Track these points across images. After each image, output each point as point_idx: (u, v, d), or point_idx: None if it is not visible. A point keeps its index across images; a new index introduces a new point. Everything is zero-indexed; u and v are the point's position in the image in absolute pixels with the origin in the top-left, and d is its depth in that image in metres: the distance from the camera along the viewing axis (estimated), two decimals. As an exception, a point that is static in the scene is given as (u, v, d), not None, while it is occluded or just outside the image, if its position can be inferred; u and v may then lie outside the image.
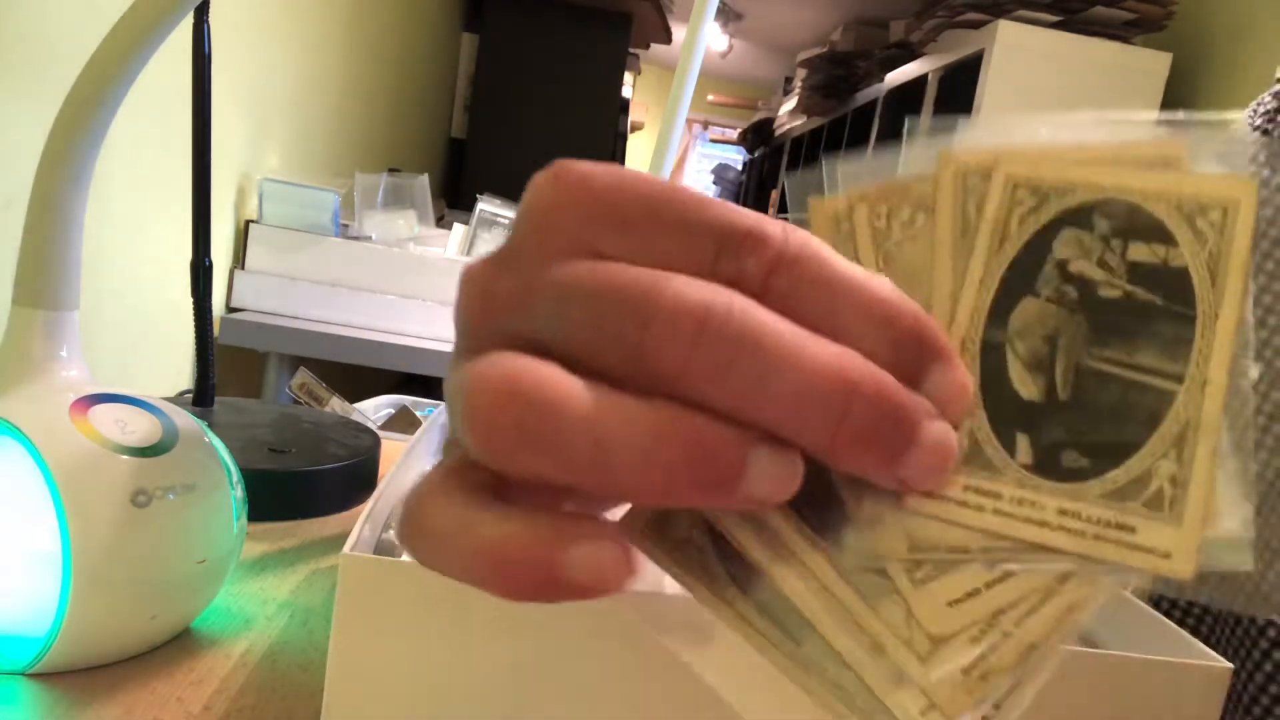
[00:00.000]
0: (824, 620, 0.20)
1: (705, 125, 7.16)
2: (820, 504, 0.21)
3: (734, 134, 6.44)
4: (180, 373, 1.19)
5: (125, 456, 0.36)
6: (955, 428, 0.20)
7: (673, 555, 0.21)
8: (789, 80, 4.86)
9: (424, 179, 1.61)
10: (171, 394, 0.71)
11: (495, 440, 0.17)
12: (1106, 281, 0.20)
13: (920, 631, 0.19)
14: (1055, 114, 0.22)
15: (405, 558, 0.33)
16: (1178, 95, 2.25)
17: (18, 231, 0.39)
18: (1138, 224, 0.20)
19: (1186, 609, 0.57)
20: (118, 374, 1.04)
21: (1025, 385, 0.21)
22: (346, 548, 0.30)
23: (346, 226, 1.50)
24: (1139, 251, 0.20)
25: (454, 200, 2.64)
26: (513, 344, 0.19)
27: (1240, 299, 0.19)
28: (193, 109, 0.60)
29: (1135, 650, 0.32)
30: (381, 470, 0.66)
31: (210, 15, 0.58)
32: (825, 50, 4.00)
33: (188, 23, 0.47)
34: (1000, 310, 0.21)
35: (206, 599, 0.41)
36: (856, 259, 0.23)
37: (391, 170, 1.71)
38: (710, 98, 6.54)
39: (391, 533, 0.37)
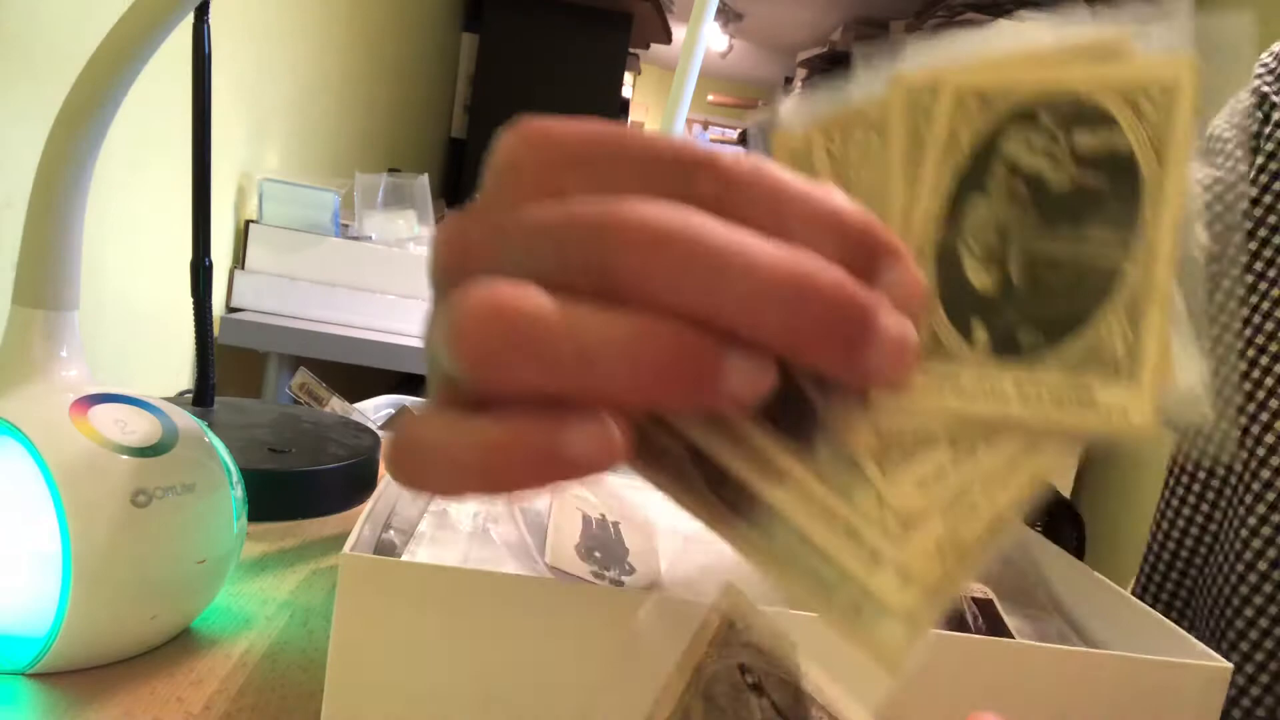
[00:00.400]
0: (799, 514, 0.20)
1: (705, 125, 7.16)
2: (793, 414, 0.21)
3: (734, 134, 6.44)
4: (180, 373, 1.19)
5: (125, 456, 0.36)
6: (913, 323, 0.21)
7: (653, 467, 0.22)
8: (789, 80, 4.86)
9: (424, 179, 1.61)
10: (171, 394, 0.71)
11: (485, 355, 0.18)
12: (1054, 173, 0.21)
13: (892, 514, 0.20)
14: (1004, 21, 0.22)
15: (405, 557, 0.33)
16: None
17: (18, 231, 0.39)
18: (1081, 114, 0.20)
19: (1183, 609, 0.58)
20: (118, 374, 1.04)
21: (979, 278, 0.21)
22: (346, 548, 0.30)
23: (346, 226, 1.50)
24: (1084, 139, 0.20)
25: (454, 200, 2.64)
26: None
27: (1184, 170, 0.19)
28: (193, 109, 0.60)
29: (1135, 650, 0.32)
30: (381, 470, 0.66)
31: (210, 15, 0.58)
32: (825, 50, 4.00)
33: (188, 23, 0.47)
34: (953, 214, 0.22)
35: (206, 599, 0.41)
36: None
37: (391, 170, 1.70)
38: (710, 98, 6.54)
39: (392, 533, 0.37)
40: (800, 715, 0.21)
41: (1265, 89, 0.56)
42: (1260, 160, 0.55)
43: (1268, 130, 0.55)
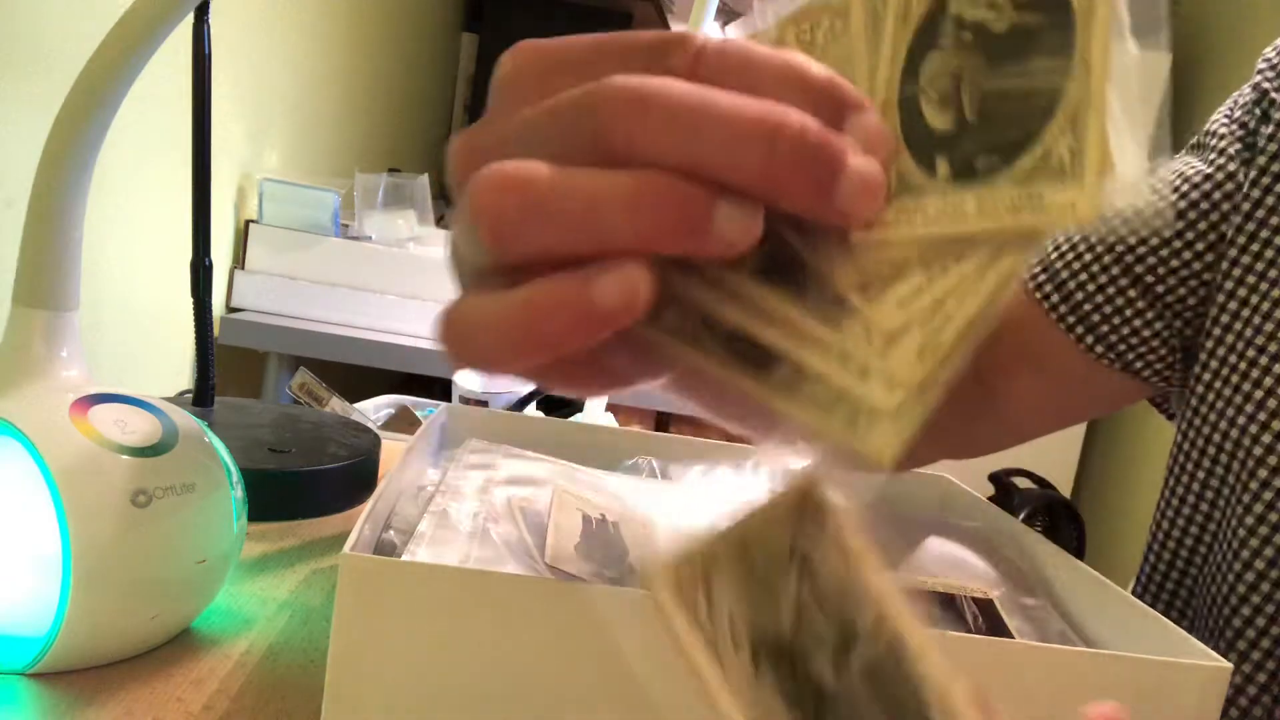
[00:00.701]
0: (796, 349, 0.23)
1: (705, 125, 7.14)
2: (783, 268, 0.24)
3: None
4: (180, 373, 1.19)
5: (125, 456, 0.36)
6: (880, 165, 0.23)
7: (666, 334, 0.24)
8: (789, 80, 4.86)
9: (424, 179, 1.61)
10: (171, 394, 0.71)
11: (503, 222, 0.20)
12: (995, 19, 0.23)
13: (878, 332, 0.22)
14: None
15: (405, 557, 0.33)
16: (1178, 95, 2.25)
17: (18, 231, 0.39)
18: None
19: (1165, 609, 0.57)
20: (118, 374, 1.04)
21: (938, 119, 0.23)
22: (346, 548, 0.30)
23: (346, 226, 1.50)
24: None
25: (454, 200, 2.64)
26: None
27: None
28: (193, 109, 0.60)
29: (1135, 650, 0.32)
30: (381, 470, 0.66)
31: (210, 15, 0.58)
32: (825, 50, 4.00)
33: (188, 23, 0.47)
34: (911, 70, 0.24)
35: (206, 599, 0.41)
36: None
37: (391, 170, 1.70)
38: (710, 98, 6.53)
39: (392, 533, 0.37)
40: (843, 612, 0.21)
41: (1265, 85, 0.56)
42: (1262, 161, 0.54)
43: (1268, 130, 0.54)
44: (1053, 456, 2.40)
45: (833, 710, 0.20)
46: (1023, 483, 2.28)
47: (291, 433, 0.65)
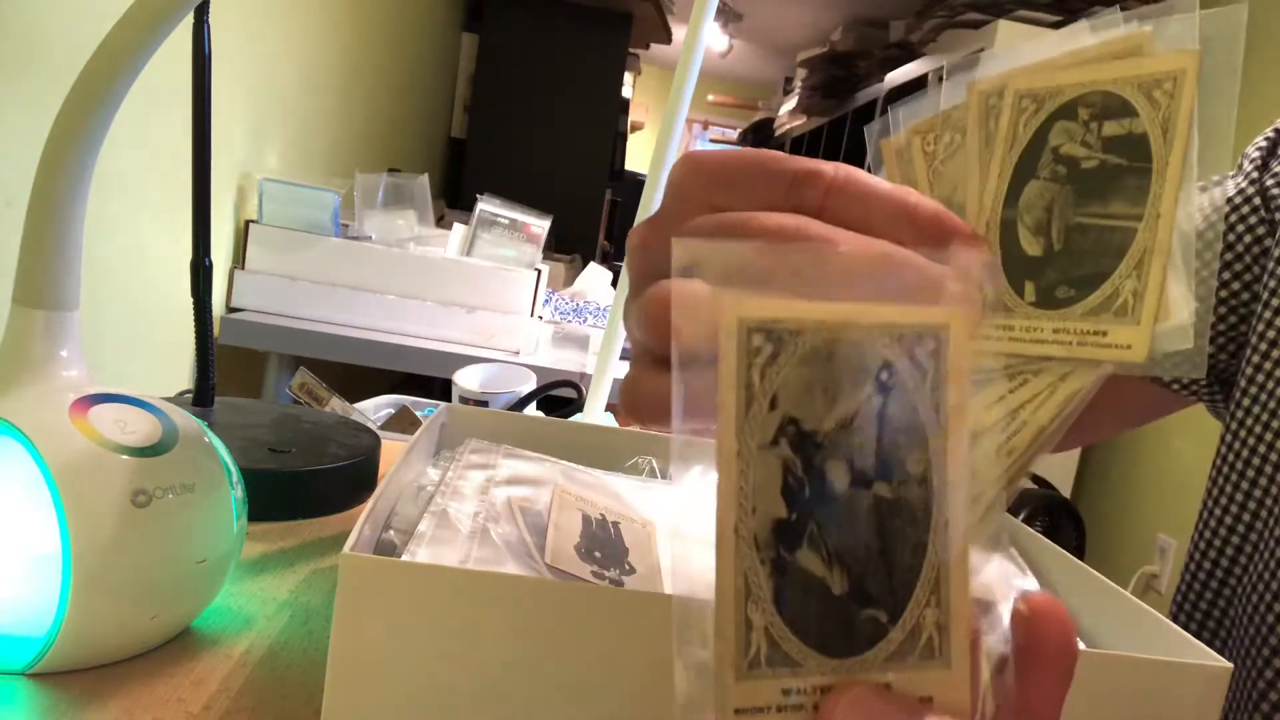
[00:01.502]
0: None
1: (705, 125, 7.15)
2: None
3: (734, 134, 6.44)
4: (180, 373, 1.19)
5: (125, 456, 0.36)
6: (978, 283, 0.25)
7: None
8: (789, 80, 4.86)
9: (424, 179, 1.61)
10: (171, 394, 0.71)
11: (658, 333, 0.24)
12: (1087, 156, 0.27)
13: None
14: (1049, 35, 0.28)
15: (405, 557, 0.33)
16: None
17: (18, 231, 0.39)
18: (1110, 106, 0.26)
19: (1204, 618, 0.57)
20: (118, 374, 1.04)
21: (1030, 246, 0.27)
22: (346, 548, 0.30)
23: (346, 226, 1.50)
24: (1111, 128, 0.26)
25: (454, 200, 2.64)
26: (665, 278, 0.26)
27: (1183, 147, 0.25)
28: (193, 109, 0.60)
29: (1136, 650, 0.32)
30: (381, 470, 0.66)
31: (210, 15, 0.58)
32: (825, 50, 4.00)
33: (188, 23, 0.47)
34: (1013, 194, 0.28)
35: (206, 599, 0.41)
36: (914, 180, 0.31)
37: (391, 170, 1.71)
38: (710, 98, 6.54)
39: (392, 533, 0.37)
40: (898, 445, 0.21)
41: None
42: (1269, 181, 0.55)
43: None
44: (1053, 457, 2.40)
45: (827, 510, 0.20)
46: (1023, 483, 2.28)
47: (291, 433, 0.65)
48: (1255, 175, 0.58)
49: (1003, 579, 0.41)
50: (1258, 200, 0.57)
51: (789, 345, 0.21)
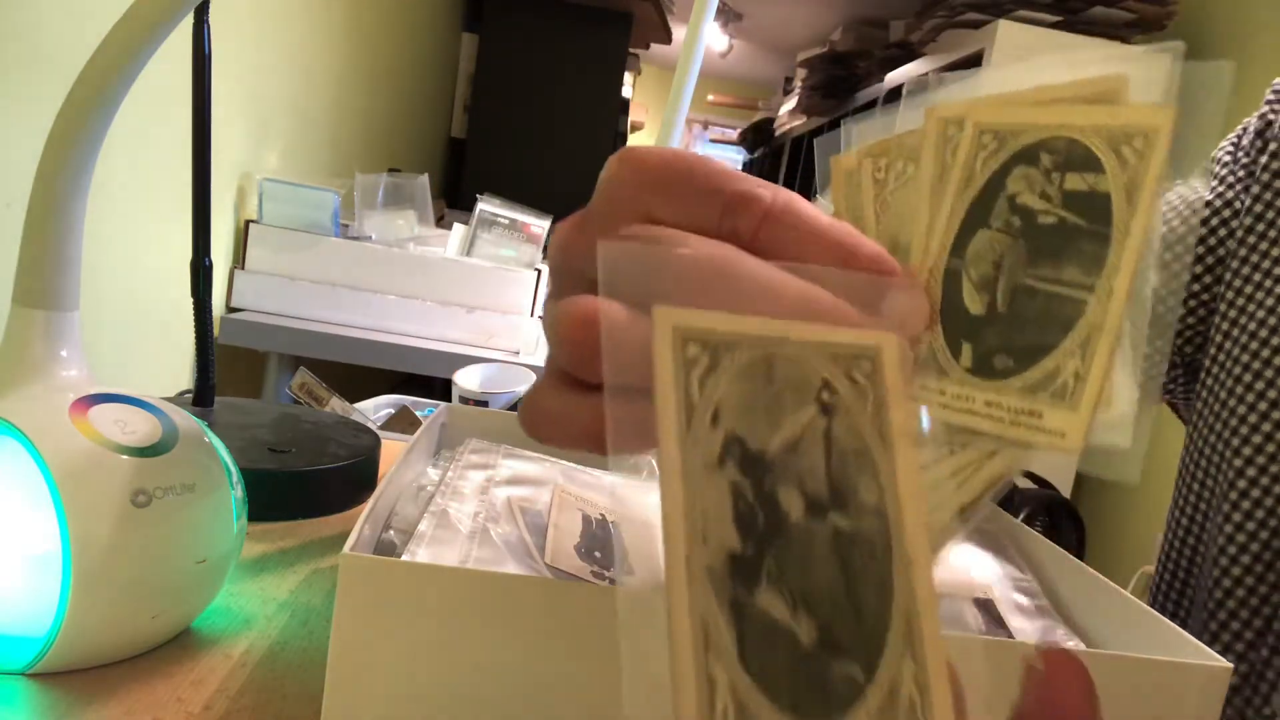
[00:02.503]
0: None
1: (705, 125, 7.16)
2: None
3: (734, 134, 6.44)
4: (180, 373, 1.19)
5: (125, 456, 0.36)
6: (913, 337, 0.24)
7: None
8: (789, 80, 4.86)
9: (424, 179, 1.61)
10: (171, 394, 0.71)
11: (577, 354, 0.24)
12: (1045, 210, 0.24)
13: None
14: (1027, 60, 0.26)
15: (405, 557, 0.33)
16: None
17: (18, 231, 0.39)
18: (1074, 156, 0.24)
19: (1174, 608, 0.59)
20: (118, 374, 1.04)
21: (973, 302, 0.25)
22: (346, 548, 0.30)
23: (346, 226, 1.50)
24: (1073, 181, 0.24)
25: (454, 200, 2.64)
26: (584, 286, 0.25)
27: (1147, 218, 0.23)
28: (193, 109, 0.60)
29: (1136, 650, 0.32)
30: (381, 470, 0.66)
31: (210, 15, 0.58)
32: (825, 50, 4.00)
33: (188, 23, 0.47)
34: (962, 241, 0.25)
35: (206, 599, 0.41)
36: (860, 207, 0.28)
37: (391, 170, 1.70)
38: (710, 98, 6.53)
39: (392, 533, 0.37)
40: (846, 472, 0.19)
41: (1272, 116, 0.58)
42: (1256, 189, 0.56)
43: (1264, 160, 0.57)
44: (1053, 457, 2.40)
45: (783, 542, 0.18)
46: (1023, 483, 2.28)
47: (291, 433, 0.65)
48: (1228, 176, 0.60)
49: (1002, 579, 0.41)
50: (1231, 197, 0.59)
51: (725, 358, 0.19)
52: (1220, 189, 0.60)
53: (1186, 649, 0.32)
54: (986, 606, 0.38)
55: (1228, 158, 0.61)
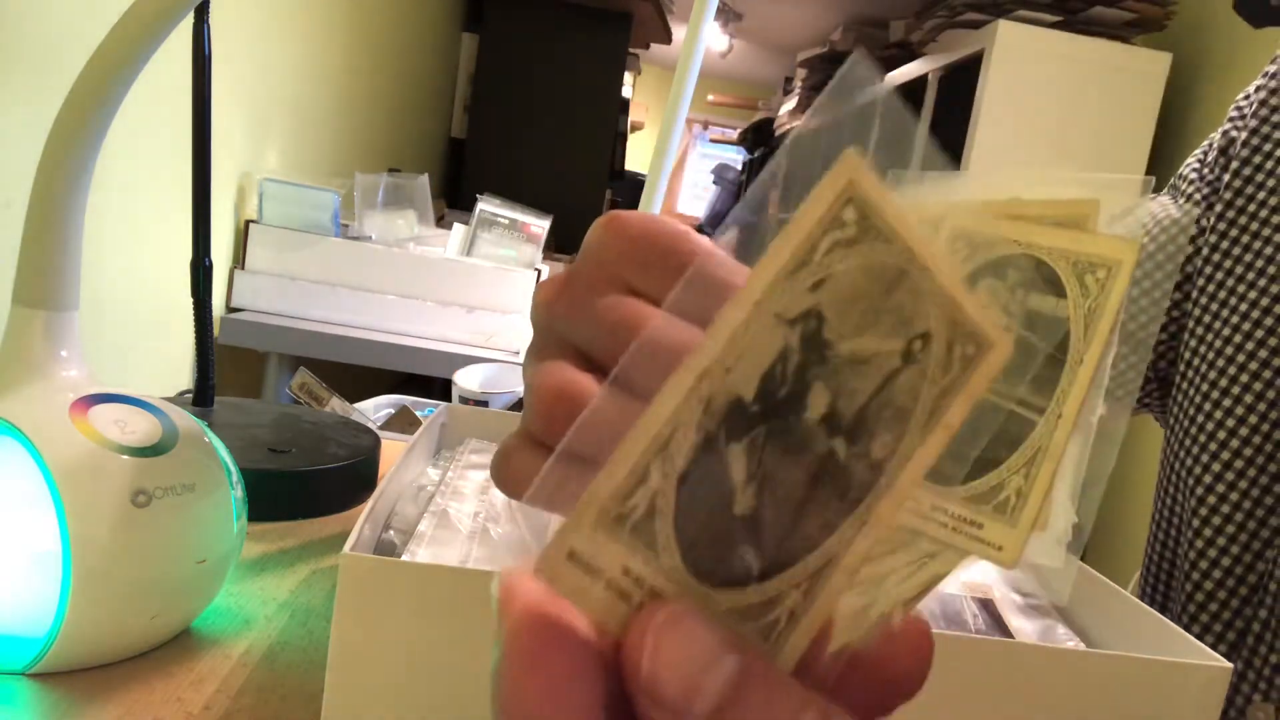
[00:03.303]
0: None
1: (705, 125, 7.16)
2: None
3: (734, 134, 6.44)
4: (180, 373, 1.19)
5: (125, 456, 0.36)
6: None
7: None
8: (789, 80, 4.86)
9: (424, 179, 1.61)
10: (171, 394, 0.71)
11: (551, 425, 0.26)
12: (1006, 326, 0.25)
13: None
14: (1010, 167, 0.26)
15: (405, 557, 0.33)
16: (1177, 95, 2.25)
17: (18, 231, 0.39)
18: (1040, 277, 0.25)
19: (1176, 615, 0.59)
20: (118, 374, 1.04)
21: None
22: (346, 548, 0.30)
23: (346, 226, 1.50)
24: (1036, 301, 0.24)
25: (454, 200, 2.64)
26: (564, 348, 0.27)
27: (1100, 348, 0.23)
28: (193, 109, 0.60)
29: (1135, 650, 0.32)
30: (381, 470, 0.66)
31: (210, 15, 0.58)
32: (825, 50, 4.00)
33: (188, 23, 0.47)
34: None
35: (206, 599, 0.41)
36: None
37: (391, 170, 1.71)
38: (710, 98, 6.54)
39: (392, 533, 0.37)
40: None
41: (1234, 133, 0.59)
42: (1219, 208, 0.57)
43: (1226, 178, 0.58)
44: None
45: (784, 426, 0.18)
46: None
47: (291, 433, 0.65)
48: (1194, 194, 0.61)
49: (1002, 579, 0.41)
50: (1197, 214, 0.61)
51: (867, 243, 0.18)
52: (1187, 205, 0.61)
53: (1186, 649, 0.32)
54: (986, 606, 0.38)
55: (1194, 175, 0.62)
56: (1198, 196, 0.60)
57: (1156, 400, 0.65)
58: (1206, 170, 0.60)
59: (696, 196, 7.08)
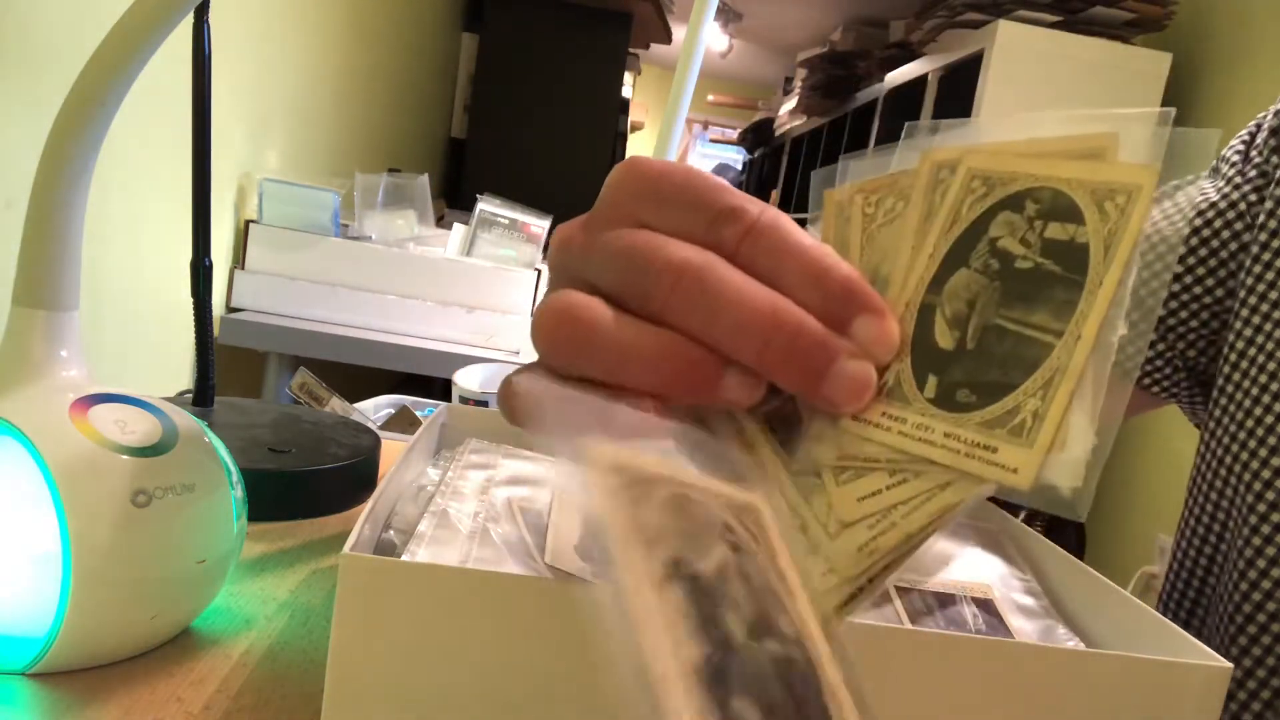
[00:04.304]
0: (771, 508, 0.25)
1: (705, 125, 7.16)
2: (789, 424, 0.27)
3: (734, 134, 6.44)
4: (180, 373, 1.19)
5: (125, 456, 0.36)
6: (879, 366, 0.26)
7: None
8: (789, 80, 4.86)
9: (424, 179, 1.61)
10: (171, 394, 0.71)
11: (554, 347, 0.26)
12: (1023, 255, 0.25)
13: (834, 518, 0.25)
14: (1025, 112, 0.27)
15: (405, 557, 0.33)
16: (1177, 95, 2.25)
17: (18, 231, 0.39)
18: (1058, 207, 0.25)
19: (1188, 616, 0.58)
20: (118, 374, 1.04)
21: (944, 338, 0.26)
22: (346, 548, 0.30)
23: (346, 226, 1.50)
24: (1054, 230, 0.25)
25: (454, 200, 2.64)
26: (577, 283, 0.27)
27: (1121, 270, 0.23)
28: (193, 109, 0.60)
29: (1136, 650, 0.32)
30: (381, 470, 0.66)
31: (210, 15, 0.58)
32: (825, 50, 4.00)
33: (188, 23, 0.47)
34: (940, 279, 0.26)
35: (206, 599, 0.41)
36: (848, 239, 0.29)
37: (391, 170, 1.70)
38: (710, 98, 6.54)
39: (392, 533, 0.37)
40: (762, 607, 0.20)
41: None
42: (1276, 190, 0.54)
43: (1277, 160, 0.55)
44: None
45: (739, 659, 0.19)
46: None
47: (291, 433, 0.65)
48: (1236, 177, 0.58)
49: (1002, 579, 0.41)
50: (1238, 198, 0.57)
51: (648, 492, 0.20)
52: (1227, 190, 0.58)
53: (1186, 649, 0.32)
54: (986, 606, 0.38)
55: (1237, 157, 0.58)
56: (1239, 180, 0.57)
57: (1185, 392, 0.61)
58: (1255, 153, 0.57)
59: (696, 196, 7.05)
